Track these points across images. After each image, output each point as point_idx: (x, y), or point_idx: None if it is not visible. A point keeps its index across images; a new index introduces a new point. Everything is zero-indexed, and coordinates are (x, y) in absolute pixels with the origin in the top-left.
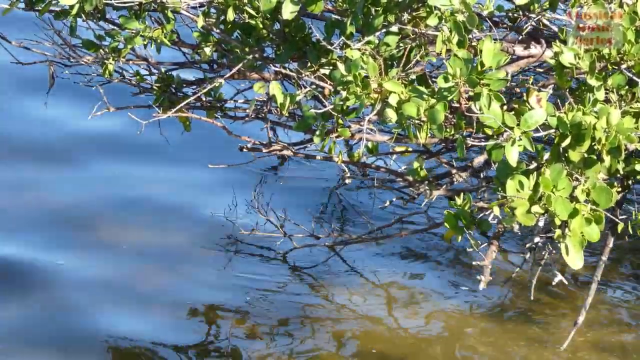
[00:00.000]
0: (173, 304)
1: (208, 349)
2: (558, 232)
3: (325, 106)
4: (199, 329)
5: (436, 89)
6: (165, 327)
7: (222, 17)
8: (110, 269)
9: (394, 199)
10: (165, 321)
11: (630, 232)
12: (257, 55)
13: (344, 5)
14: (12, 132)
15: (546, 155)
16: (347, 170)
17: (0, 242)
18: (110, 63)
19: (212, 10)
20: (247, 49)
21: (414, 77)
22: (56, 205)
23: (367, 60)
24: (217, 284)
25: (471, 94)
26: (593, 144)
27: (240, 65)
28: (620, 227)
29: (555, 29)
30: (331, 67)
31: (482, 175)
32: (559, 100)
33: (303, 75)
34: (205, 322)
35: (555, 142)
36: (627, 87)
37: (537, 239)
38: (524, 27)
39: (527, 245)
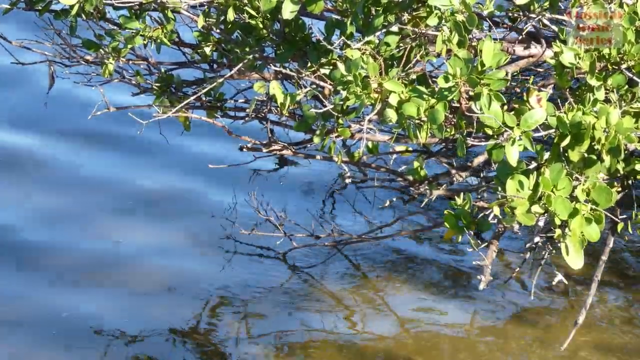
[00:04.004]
0: (172, 304)
1: (207, 348)
2: (558, 232)
3: (325, 106)
4: (198, 329)
5: (436, 89)
6: (164, 326)
7: (223, 17)
8: (110, 267)
9: (394, 199)
10: (163, 320)
11: (630, 232)
12: (257, 55)
13: (344, 5)
14: None
15: (546, 155)
16: (347, 170)
17: None
18: (110, 63)
19: (212, 10)
20: (247, 49)
21: (414, 77)
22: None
23: (367, 60)
24: (216, 283)
25: (471, 93)
26: (593, 143)
27: (241, 65)
28: (620, 227)
29: (555, 28)
30: (331, 67)
31: (482, 175)
32: (559, 100)
33: (303, 75)
34: (204, 322)
35: (555, 141)
36: (627, 87)
37: (537, 239)
38: (524, 27)
39: (527, 245)
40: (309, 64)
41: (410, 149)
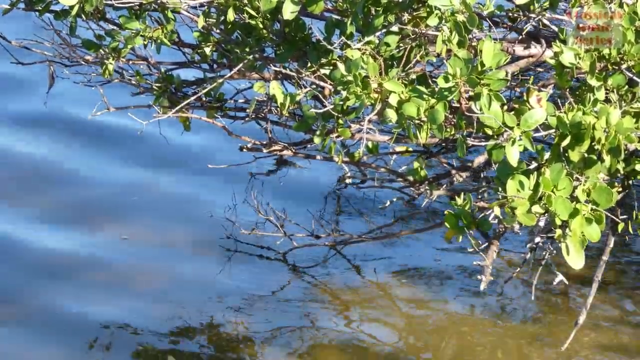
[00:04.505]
0: (172, 303)
1: (207, 348)
2: (558, 232)
3: (325, 106)
4: (198, 328)
5: (436, 89)
6: (164, 326)
7: (223, 17)
8: (110, 267)
9: (394, 199)
10: (164, 320)
11: (631, 231)
12: (257, 55)
13: (344, 5)
14: None
15: (546, 155)
16: (347, 170)
17: None
18: (110, 63)
19: (213, 10)
20: (247, 49)
21: (414, 77)
22: (61, 202)
23: (367, 60)
24: (216, 283)
25: (471, 94)
26: (593, 143)
27: (241, 65)
28: (620, 226)
29: (555, 28)
30: (331, 67)
31: (482, 175)
32: (559, 100)
33: (303, 75)
34: (204, 322)
35: (555, 142)
36: (627, 87)
37: (537, 239)
38: (524, 27)
39: (528, 245)
40: (309, 64)
41: (410, 149)
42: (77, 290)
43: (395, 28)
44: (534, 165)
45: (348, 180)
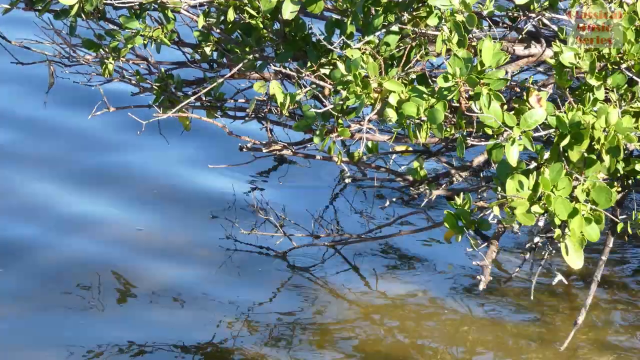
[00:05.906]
0: (172, 303)
1: (206, 348)
2: (558, 232)
3: (325, 106)
4: (197, 329)
5: (436, 89)
6: (163, 326)
7: (223, 17)
8: (108, 266)
9: (394, 199)
10: (163, 320)
11: (630, 232)
12: (257, 55)
13: (344, 4)
14: None
15: (546, 155)
16: (346, 170)
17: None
18: (110, 63)
19: (213, 10)
20: (247, 49)
21: (414, 76)
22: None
23: (367, 60)
24: (216, 283)
25: (471, 93)
26: (592, 143)
27: (241, 65)
28: (620, 227)
29: (555, 28)
30: (331, 67)
31: (481, 175)
32: (559, 100)
33: (303, 74)
34: (203, 322)
35: (554, 141)
36: (626, 86)
37: (537, 239)
38: (524, 27)
39: (527, 245)
40: (309, 64)
41: (410, 148)
42: (74, 289)
43: (395, 28)
44: (533, 165)
45: (347, 180)
